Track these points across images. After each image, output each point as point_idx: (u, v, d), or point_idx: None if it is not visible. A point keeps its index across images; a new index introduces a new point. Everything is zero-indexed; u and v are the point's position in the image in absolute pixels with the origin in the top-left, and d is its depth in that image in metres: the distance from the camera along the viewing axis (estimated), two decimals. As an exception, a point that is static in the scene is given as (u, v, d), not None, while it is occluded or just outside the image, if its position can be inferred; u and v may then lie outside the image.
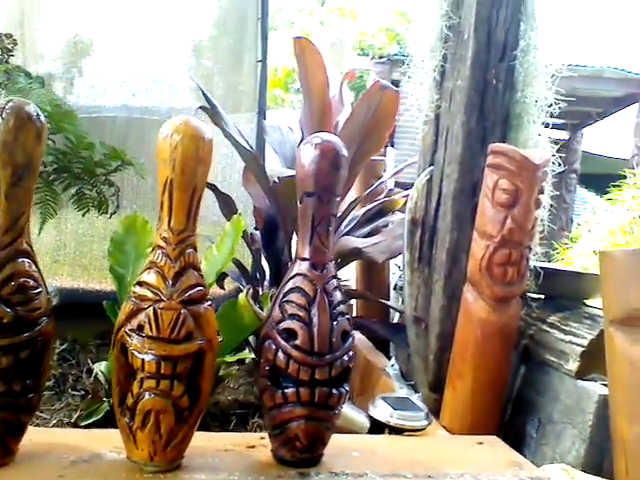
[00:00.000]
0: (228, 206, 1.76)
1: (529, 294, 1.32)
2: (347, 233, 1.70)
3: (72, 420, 1.44)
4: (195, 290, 0.85)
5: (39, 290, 0.86)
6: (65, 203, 1.89)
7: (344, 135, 1.60)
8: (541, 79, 1.29)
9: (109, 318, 1.54)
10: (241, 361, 1.76)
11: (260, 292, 1.76)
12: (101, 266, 2.04)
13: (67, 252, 2.02)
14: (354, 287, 1.98)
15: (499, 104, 1.31)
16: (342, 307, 0.88)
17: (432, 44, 1.40)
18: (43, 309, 0.86)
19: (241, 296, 1.44)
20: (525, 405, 1.22)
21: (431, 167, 1.43)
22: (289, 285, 0.88)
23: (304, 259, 0.89)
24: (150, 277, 0.84)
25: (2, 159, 0.82)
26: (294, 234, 1.72)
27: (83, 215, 1.97)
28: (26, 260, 0.85)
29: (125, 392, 0.85)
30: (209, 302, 0.87)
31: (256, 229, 1.88)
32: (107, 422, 1.42)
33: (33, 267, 0.86)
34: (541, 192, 1.18)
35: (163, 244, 0.85)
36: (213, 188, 1.75)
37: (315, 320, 0.84)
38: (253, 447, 0.97)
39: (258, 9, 2.09)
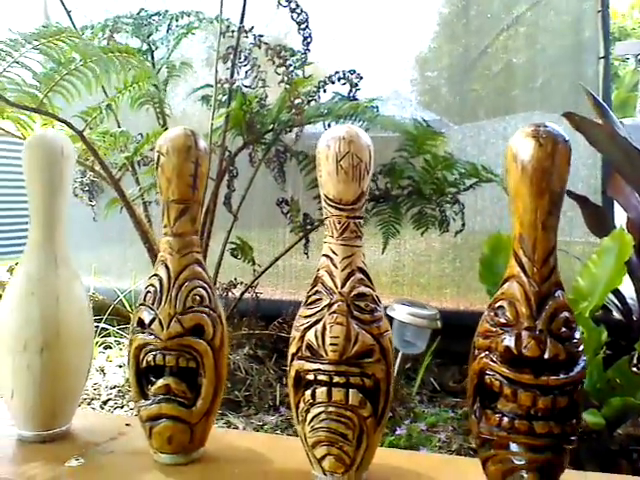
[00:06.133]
0: (599, 219, 1.62)
1: None
2: None
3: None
4: None
5: (575, 325, 0.81)
6: (404, 224, 1.91)
7: None
8: None
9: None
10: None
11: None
12: (439, 285, 2.04)
13: (406, 272, 2.05)
14: None
15: None
16: None
17: None
18: (582, 345, 0.80)
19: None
20: None
21: None
22: None
23: None
24: None
25: (539, 187, 0.78)
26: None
27: (422, 234, 1.97)
28: (560, 292, 0.80)
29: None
30: None
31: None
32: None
33: (565, 297, 0.81)
34: None
35: None
36: (584, 200, 1.63)
37: None
38: None
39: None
